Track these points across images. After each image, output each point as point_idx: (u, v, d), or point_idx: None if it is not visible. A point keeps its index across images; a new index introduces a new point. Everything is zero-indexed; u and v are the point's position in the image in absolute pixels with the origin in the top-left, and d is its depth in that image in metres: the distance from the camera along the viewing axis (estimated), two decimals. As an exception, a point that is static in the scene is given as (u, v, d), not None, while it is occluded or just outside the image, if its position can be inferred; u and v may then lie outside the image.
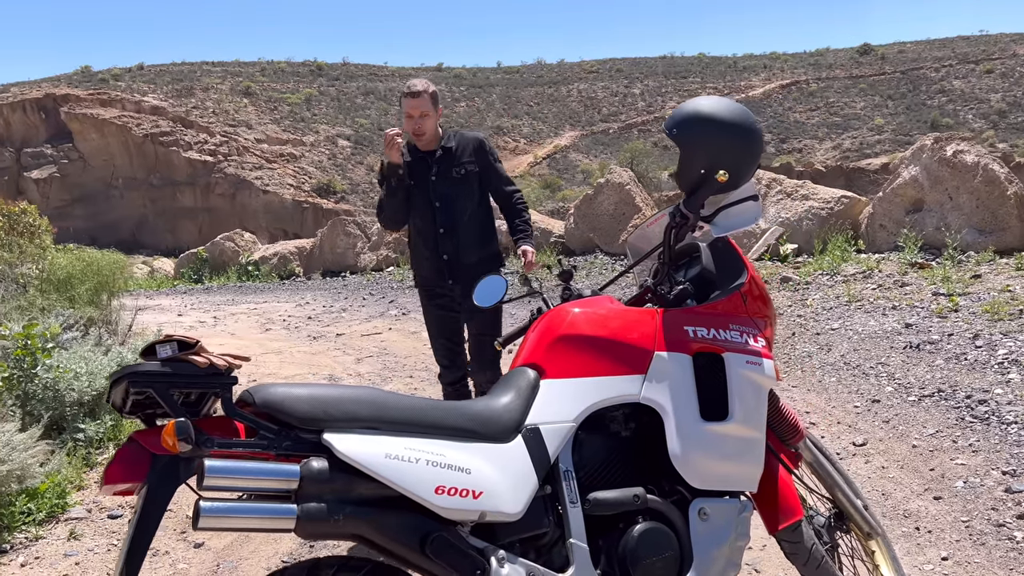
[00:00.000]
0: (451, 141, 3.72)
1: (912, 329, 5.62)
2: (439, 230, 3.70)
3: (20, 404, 4.33)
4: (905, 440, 3.98)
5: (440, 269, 3.73)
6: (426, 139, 3.66)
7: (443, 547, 1.75)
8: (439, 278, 3.76)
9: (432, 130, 3.64)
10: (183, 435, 1.56)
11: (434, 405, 1.94)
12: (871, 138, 55.53)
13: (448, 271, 3.72)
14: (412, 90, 3.60)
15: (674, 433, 2.07)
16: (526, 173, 48.60)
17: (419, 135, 3.64)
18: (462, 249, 3.71)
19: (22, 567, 3.20)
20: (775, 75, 72.31)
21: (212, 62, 70.14)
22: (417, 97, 3.58)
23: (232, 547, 3.40)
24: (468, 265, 3.69)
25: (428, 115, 3.60)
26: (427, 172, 3.68)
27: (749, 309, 2.34)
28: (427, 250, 3.75)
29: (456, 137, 3.75)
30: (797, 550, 2.34)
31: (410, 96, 3.60)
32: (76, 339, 5.67)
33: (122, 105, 45.43)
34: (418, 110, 3.59)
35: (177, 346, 1.70)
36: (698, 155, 2.25)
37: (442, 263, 3.72)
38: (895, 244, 8.14)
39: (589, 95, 69.28)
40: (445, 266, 3.72)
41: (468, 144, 3.74)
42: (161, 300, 13.08)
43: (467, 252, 3.71)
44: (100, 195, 41.57)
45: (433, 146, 3.70)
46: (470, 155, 3.71)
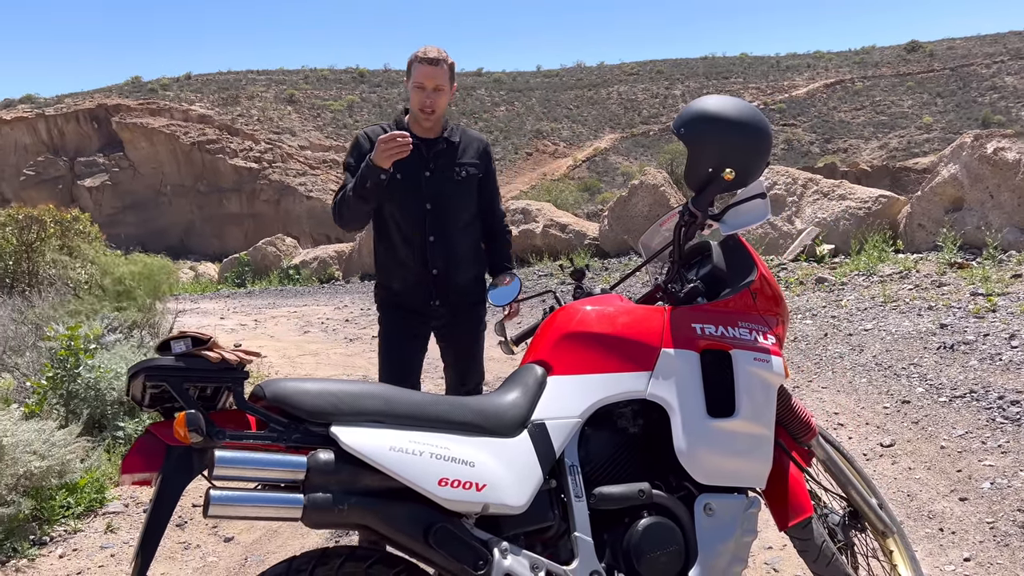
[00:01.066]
0: (455, 135, 3.10)
1: (947, 329, 5.53)
2: (429, 238, 3.02)
3: (63, 402, 4.51)
4: (933, 441, 3.93)
5: (425, 285, 3.06)
6: (434, 119, 3.00)
7: (446, 537, 1.80)
8: (422, 296, 3.07)
9: (442, 110, 3.01)
10: (194, 426, 1.64)
11: (440, 400, 1.99)
12: (919, 137, 54.35)
13: (435, 289, 3.06)
14: (428, 56, 2.93)
15: (680, 429, 2.09)
16: (565, 176, 48.58)
17: (428, 113, 2.97)
18: (454, 265, 3.07)
19: (60, 558, 3.33)
20: (819, 74, 71.21)
21: (257, 71, 71.46)
22: (435, 65, 2.93)
23: (260, 541, 3.50)
24: (459, 285, 3.10)
25: (443, 90, 2.97)
26: (421, 165, 3.00)
27: (759, 306, 2.35)
28: (410, 261, 3.06)
29: (459, 132, 3.15)
30: (807, 547, 2.34)
31: (426, 62, 2.92)
32: (119, 341, 5.86)
33: (170, 114, 46.53)
34: (433, 81, 2.93)
35: (191, 342, 1.78)
36: (706, 154, 2.27)
37: (429, 278, 3.05)
38: (934, 244, 7.99)
39: (629, 97, 68.99)
40: (432, 282, 3.05)
41: (473, 143, 3.15)
42: (204, 304, 13.38)
43: (460, 269, 3.10)
44: (150, 202, 42.63)
45: (434, 134, 3.05)
46: (474, 156, 3.13)
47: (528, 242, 12.40)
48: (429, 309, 3.08)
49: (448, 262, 3.06)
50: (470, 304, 3.17)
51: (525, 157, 57.36)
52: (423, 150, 3.01)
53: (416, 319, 3.12)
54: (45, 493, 3.60)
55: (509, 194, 45.29)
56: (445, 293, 3.07)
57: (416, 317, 3.11)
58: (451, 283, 3.08)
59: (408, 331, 3.13)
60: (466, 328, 3.17)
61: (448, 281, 3.07)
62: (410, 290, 3.09)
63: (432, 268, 3.04)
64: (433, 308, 3.08)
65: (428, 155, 3.02)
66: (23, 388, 4.84)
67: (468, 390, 3.21)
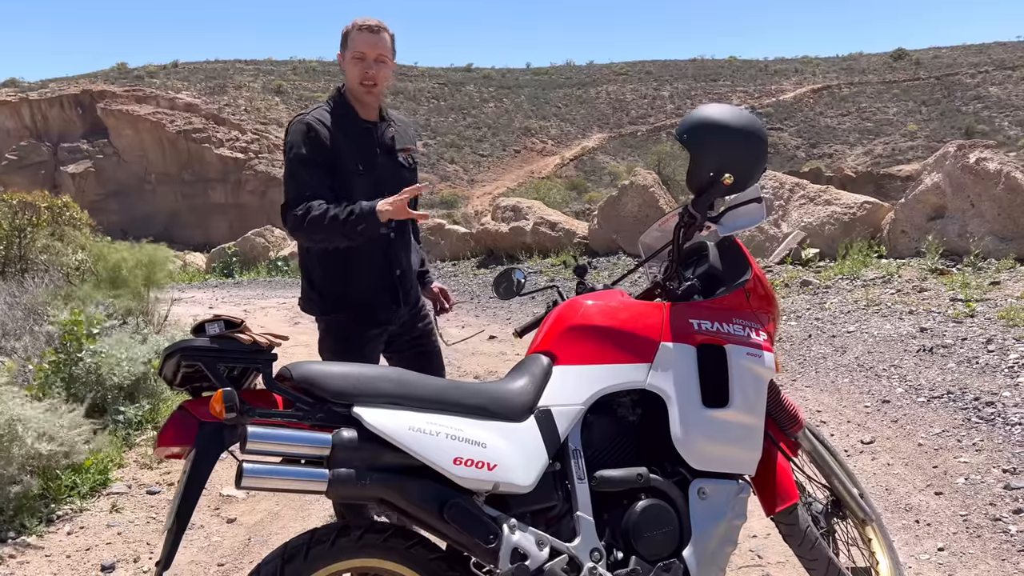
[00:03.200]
0: (389, 116, 2.81)
1: (927, 333, 5.71)
2: (390, 235, 2.73)
3: (66, 386, 4.58)
4: (911, 439, 4.10)
5: (390, 287, 2.76)
6: (376, 93, 2.68)
7: (460, 513, 1.92)
8: (384, 300, 2.76)
9: (384, 85, 2.69)
10: (230, 403, 1.75)
11: (454, 385, 2.11)
12: (904, 144, 54.95)
13: (399, 291, 2.78)
14: (368, 23, 2.65)
15: (676, 418, 2.23)
16: (553, 175, 48.72)
17: (370, 86, 2.64)
18: (410, 263, 2.85)
19: (68, 535, 3.43)
20: (807, 79, 71.79)
21: (245, 60, 71.09)
22: (375, 33, 2.64)
23: (263, 523, 3.61)
24: (412, 284, 2.87)
25: (385, 61, 2.67)
26: (374, 149, 2.71)
27: (752, 305, 2.49)
28: (371, 263, 2.72)
29: (393, 115, 2.85)
30: (792, 532, 2.48)
31: (367, 30, 2.64)
32: (115, 327, 5.93)
33: (156, 102, 46.26)
34: (375, 50, 2.63)
35: (224, 324, 1.89)
36: (707, 159, 2.40)
37: (394, 280, 2.76)
38: (917, 250, 8.19)
39: (618, 97, 69.26)
40: (395, 284, 2.77)
41: (408, 127, 2.89)
42: (193, 293, 13.40)
43: (412, 268, 2.88)
44: (134, 190, 42.37)
45: (375, 115, 2.75)
46: (411, 142, 2.88)
47: (518, 239, 12.52)
48: (392, 315, 2.78)
49: (407, 260, 2.82)
50: (418, 300, 2.95)
51: (513, 154, 57.46)
52: (373, 134, 2.73)
53: (375, 329, 2.76)
54: (52, 473, 3.69)
55: (497, 191, 45.36)
56: (407, 293, 2.82)
57: (375, 327, 2.76)
58: (408, 281, 2.83)
59: (370, 338, 2.77)
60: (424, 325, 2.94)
61: (407, 280, 2.82)
62: (373, 293, 2.74)
63: (396, 268, 2.77)
64: (394, 312, 2.78)
65: (377, 140, 2.73)
66: (23, 372, 4.91)
67: None
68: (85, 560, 3.21)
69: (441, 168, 53.75)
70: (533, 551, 1.98)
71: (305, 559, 1.86)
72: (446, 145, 56.28)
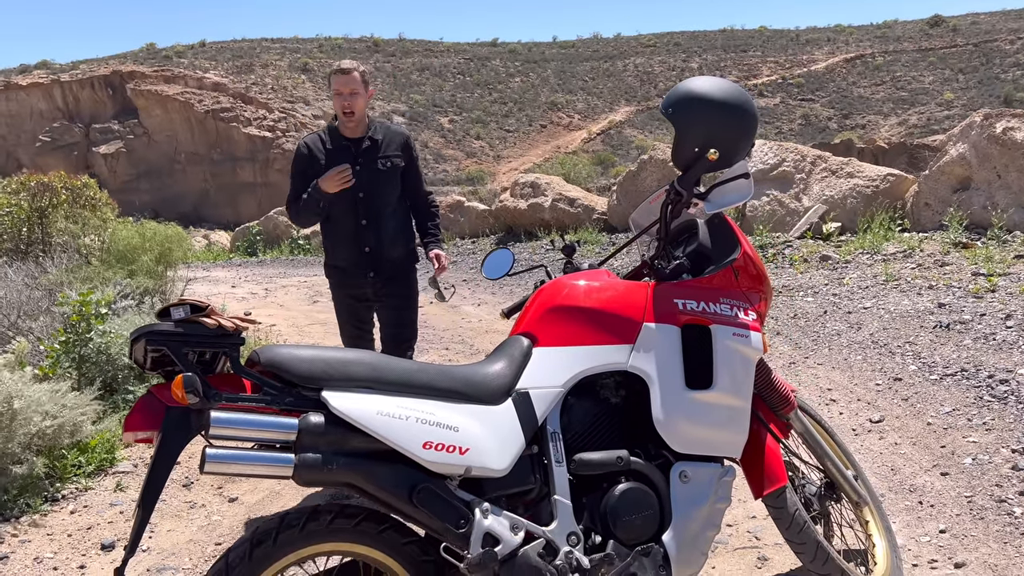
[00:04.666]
0: (378, 133, 3.67)
1: (945, 309, 5.58)
2: (361, 221, 3.61)
3: (76, 366, 4.64)
4: (921, 417, 4.01)
5: (358, 262, 3.66)
6: (355, 119, 3.58)
7: (429, 497, 1.91)
8: (357, 270, 3.68)
9: (361, 110, 3.58)
10: (190, 388, 1.74)
11: (427, 368, 2.09)
12: (939, 114, 53.64)
13: (369, 263, 3.66)
14: (342, 67, 3.57)
15: (658, 400, 2.19)
16: (579, 149, 48.36)
17: (348, 113, 3.55)
18: (385, 243, 3.67)
19: (71, 514, 3.48)
20: (839, 48, 70.22)
21: (271, 39, 71.21)
22: (347, 74, 3.53)
23: (263, 502, 3.64)
24: (391, 260, 3.70)
25: (358, 93, 3.54)
26: (350, 161, 3.57)
27: (741, 284, 2.44)
28: (346, 241, 3.66)
29: (382, 129, 3.71)
30: (781, 515, 2.44)
31: (340, 73, 3.55)
32: (131, 307, 5.99)
33: (185, 82, 46.54)
34: (348, 87, 3.52)
35: (190, 309, 1.88)
36: (691, 134, 2.34)
37: (362, 256, 3.65)
38: (940, 223, 8.00)
39: (646, 70, 68.34)
40: (365, 259, 3.65)
41: (395, 138, 3.71)
42: (216, 272, 13.54)
43: (391, 246, 3.69)
44: (164, 170, 42.78)
45: (359, 133, 3.63)
46: (396, 149, 3.69)
47: (536, 216, 12.44)
48: (365, 280, 3.69)
49: (379, 241, 3.66)
50: (403, 274, 3.80)
51: (539, 129, 57.09)
52: (353, 148, 3.62)
53: (357, 288, 3.74)
54: (57, 452, 3.74)
55: (523, 166, 45.15)
56: (378, 266, 3.68)
57: (357, 287, 3.74)
58: (383, 258, 3.68)
59: (355, 298, 3.77)
60: (398, 294, 3.77)
61: (380, 256, 3.67)
62: (347, 265, 3.71)
63: (364, 246, 3.65)
64: (369, 279, 3.69)
65: (356, 152, 3.62)
66: (37, 351, 4.99)
67: (402, 351, 3.77)
68: (86, 539, 3.26)
69: (467, 144, 53.57)
70: (506, 535, 1.96)
71: (274, 543, 1.86)
72: (472, 121, 56.02)
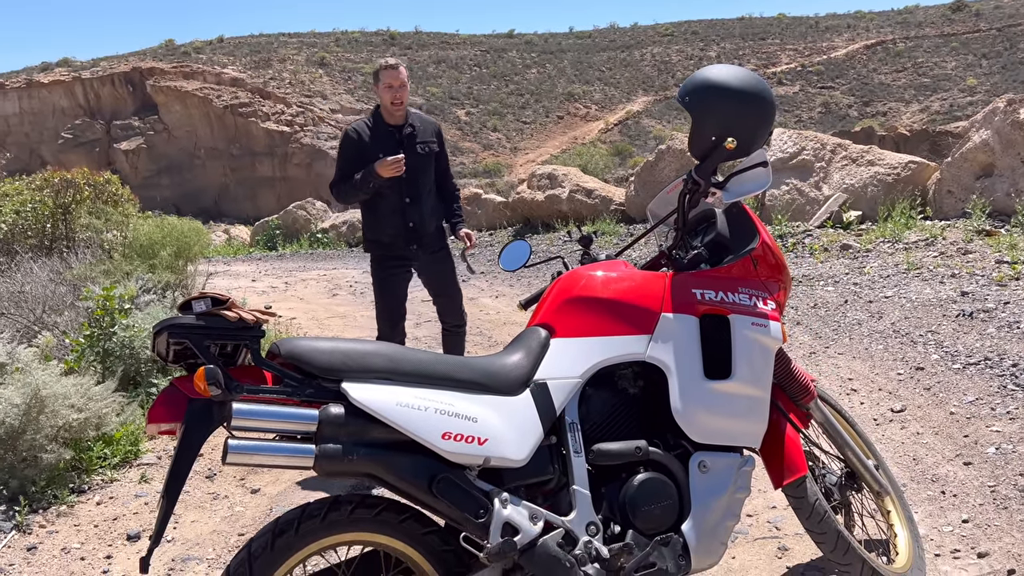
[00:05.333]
0: (415, 121, 4.11)
1: (968, 297, 5.52)
2: (405, 199, 4.04)
3: (100, 359, 4.71)
4: (943, 407, 3.98)
5: (404, 235, 4.08)
6: (402, 109, 4.02)
7: (448, 487, 1.92)
8: (402, 242, 4.09)
9: (406, 102, 4.03)
10: (212, 380, 1.76)
11: (445, 360, 2.10)
12: (962, 100, 52.83)
13: (412, 237, 4.09)
14: (390, 63, 4.02)
15: (676, 390, 2.19)
16: (597, 140, 48.16)
17: (397, 104, 3.98)
18: (425, 218, 4.12)
19: (98, 505, 3.54)
20: (859, 35, 69.37)
21: (288, 33, 71.40)
22: (396, 69, 3.98)
23: (285, 493, 3.67)
24: (428, 233, 4.16)
25: (406, 86, 3.98)
26: (395, 145, 3.97)
27: (760, 273, 2.42)
28: (392, 217, 4.06)
29: (418, 118, 4.15)
30: (801, 505, 2.43)
31: (390, 68, 3.99)
32: (153, 301, 6.06)
33: (203, 77, 46.84)
34: (399, 80, 3.96)
35: (211, 302, 1.90)
36: (709, 123, 2.33)
37: (407, 230, 4.07)
38: (963, 211, 7.90)
39: (663, 59, 67.87)
40: (409, 232, 4.08)
41: (429, 126, 4.18)
42: (237, 266, 13.64)
43: (429, 221, 4.15)
44: (184, 165, 43.10)
45: (400, 121, 4.05)
46: (431, 136, 4.14)
47: (554, 207, 12.42)
48: (409, 252, 4.13)
49: (420, 216, 4.10)
50: (438, 246, 4.24)
51: (556, 120, 56.91)
52: (396, 134, 4.04)
53: (400, 261, 4.15)
54: (83, 444, 3.80)
55: (540, 158, 45.06)
56: (420, 239, 4.12)
57: (400, 260, 4.14)
58: (423, 232, 4.13)
59: (395, 271, 4.16)
60: (438, 262, 4.24)
61: (421, 231, 4.12)
62: (393, 240, 4.09)
63: (409, 221, 4.07)
64: (412, 251, 4.13)
65: (399, 138, 4.03)
66: (62, 345, 5.06)
67: (452, 326, 4.34)
68: (112, 529, 3.31)
69: (484, 136, 53.53)
70: (525, 525, 1.97)
71: (296, 533, 1.88)
72: (488, 113, 55.94)
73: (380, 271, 4.17)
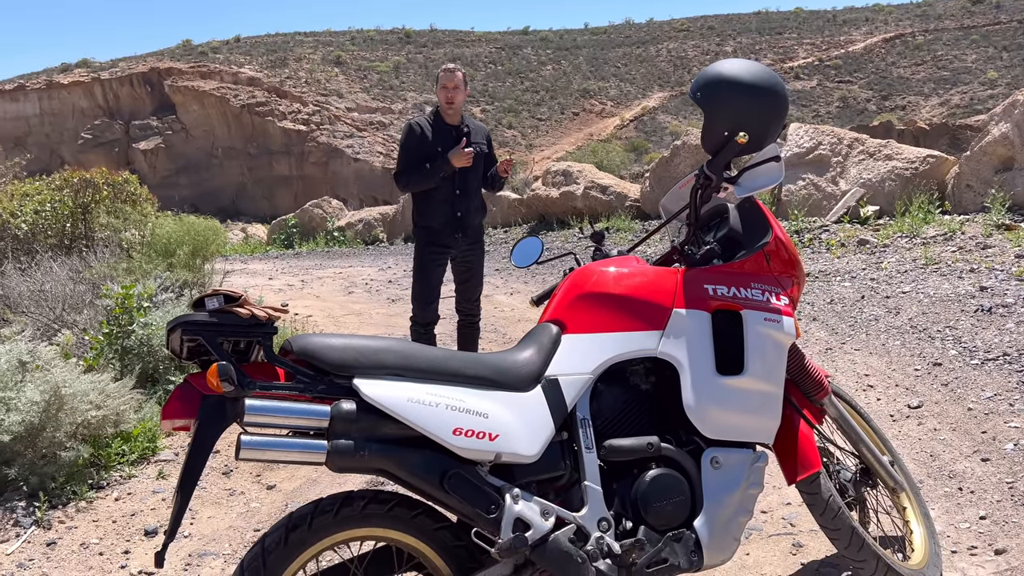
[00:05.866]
0: (470, 123, 4.67)
1: (987, 292, 5.46)
2: (456, 191, 4.53)
3: (119, 357, 4.75)
4: (961, 403, 3.94)
5: (452, 223, 4.57)
6: (455, 108, 4.54)
7: (459, 483, 1.93)
8: (449, 230, 4.57)
9: (459, 103, 4.56)
10: (225, 376, 1.78)
11: (456, 356, 2.10)
12: (983, 93, 52.21)
13: (458, 226, 4.58)
14: (448, 68, 4.58)
15: (689, 386, 2.18)
16: (612, 136, 48.02)
17: (450, 103, 4.51)
18: (471, 210, 4.63)
19: (116, 500, 3.58)
20: (878, 28, 68.73)
21: (304, 32, 71.67)
22: (452, 73, 4.53)
23: (301, 489, 3.70)
24: (472, 224, 4.68)
25: (459, 88, 4.52)
26: (453, 142, 4.48)
27: (773, 268, 2.41)
28: (443, 206, 4.54)
29: (471, 121, 4.70)
30: (815, 501, 2.42)
31: (447, 72, 4.55)
32: (171, 299, 6.11)
33: (220, 77, 47.16)
34: (453, 83, 4.50)
35: (223, 299, 1.92)
36: (721, 117, 2.32)
37: (455, 218, 4.57)
38: (982, 205, 7.82)
39: (679, 54, 67.56)
40: (456, 221, 4.57)
41: (480, 130, 4.76)
42: (254, 265, 13.72)
43: (474, 213, 4.67)
44: (202, 164, 43.44)
45: (456, 121, 4.58)
46: (482, 138, 4.70)
47: (569, 204, 12.41)
48: (454, 240, 4.61)
49: (467, 207, 4.59)
50: (476, 238, 4.74)
51: (572, 117, 56.80)
52: (453, 132, 4.54)
53: (442, 249, 4.62)
54: (102, 441, 3.84)
55: (555, 155, 44.99)
56: (464, 229, 4.61)
57: (443, 248, 4.62)
58: (468, 223, 4.62)
59: (437, 258, 4.62)
60: (473, 252, 4.74)
61: (466, 221, 4.61)
62: (442, 226, 4.57)
63: (457, 211, 4.56)
64: (455, 239, 4.61)
65: (456, 136, 4.52)
66: (82, 343, 5.12)
67: (467, 316, 4.82)
68: (130, 525, 3.35)
69: (499, 134, 53.50)
70: (537, 521, 1.97)
71: (309, 528, 1.90)
72: (504, 110, 55.91)
73: (423, 256, 4.62)
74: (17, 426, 3.39)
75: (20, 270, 6.79)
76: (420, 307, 4.65)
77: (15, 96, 45.23)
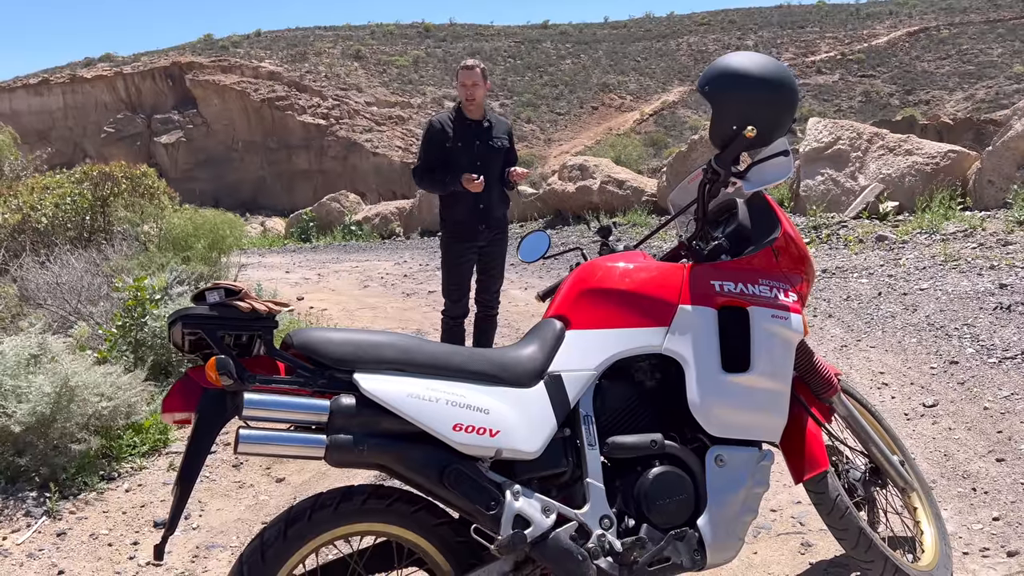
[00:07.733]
0: (491, 118, 4.73)
1: (1006, 290, 5.38)
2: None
3: (132, 349, 4.79)
4: (977, 402, 3.88)
5: (476, 215, 4.67)
6: (475, 104, 4.62)
7: (459, 479, 1.91)
8: (473, 222, 4.68)
9: (480, 99, 4.62)
10: (224, 370, 1.77)
11: (458, 351, 2.09)
12: (1009, 87, 51.36)
13: (482, 218, 4.68)
14: (466, 64, 4.65)
15: (694, 383, 2.15)
16: (632, 131, 47.78)
17: (470, 100, 4.59)
18: (494, 202, 4.72)
19: (126, 492, 3.60)
20: (902, 22, 67.86)
21: (324, 27, 71.89)
22: (471, 70, 4.61)
23: (310, 483, 3.71)
24: (495, 216, 4.77)
25: (478, 85, 4.59)
26: (474, 137, 4.60)
27: (782, 264, 2.38)
28: (468, 199, 4.60)
29: (493, 116, 4.77)
30: (822, 500, 2.39)
31: (466, 69, 4.63)
32: (186, 292, 6.14)
33: (241, 71, 47.35)
34: (471, 79, 4.58)
35: (224, 292, 1.91)
36: (729, 111, 2.29)
37: (478, 211, 4.66)
38: (1004, 201, 7.70)
39: (699, 48, 67.06)
40: (480, 213, 4.67)
41: (502, 125, 4.82)
42: (271, 258, 13.79)
43: (496, 206, 4.75)
44: (222, 158, 43.67)
45: (478, 116, 4.66)
46: (503, 133, 4.76)
47: (585, 199, 12.36)
48: (478, 232, 4.71)
49: (489, 199, 4.67)
50: (500, 230, 4.83)
51: (591, 111, 56.58)
52: (475, 127, 4.63)
53: (469, 244, 4.73)
54: (113, 433, 3.87)
55: (573, 149, 44.83)
56: (488, 221, 4.71)
57: (470, 243, 4.73)
58: (491, 215, 4.71)
59: (465, 253, 4.75)
60: (496, 243, 4.82)
61: (490, 213, 4.70)
62: (466, 218, 4.67)
63: (480, 203, 4.63)
64: (481, 231, 4.71)
65: (477, 131, 4.62)
66: (96, 335, 5.16)
67: (485, 306, 4.91)
68: (140, 516, 3.37)
69: (518, 128, 53.38)
70: (537, 517, 1.96)
71: (308, 522, 1.89)
72: (523, 105, 55.78)
73: (451, 251, 4.76)
74: (28, 416, 3.42)
75: (39, 263, 6.85)
76: (452, 303, 4.80)
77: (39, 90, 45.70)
